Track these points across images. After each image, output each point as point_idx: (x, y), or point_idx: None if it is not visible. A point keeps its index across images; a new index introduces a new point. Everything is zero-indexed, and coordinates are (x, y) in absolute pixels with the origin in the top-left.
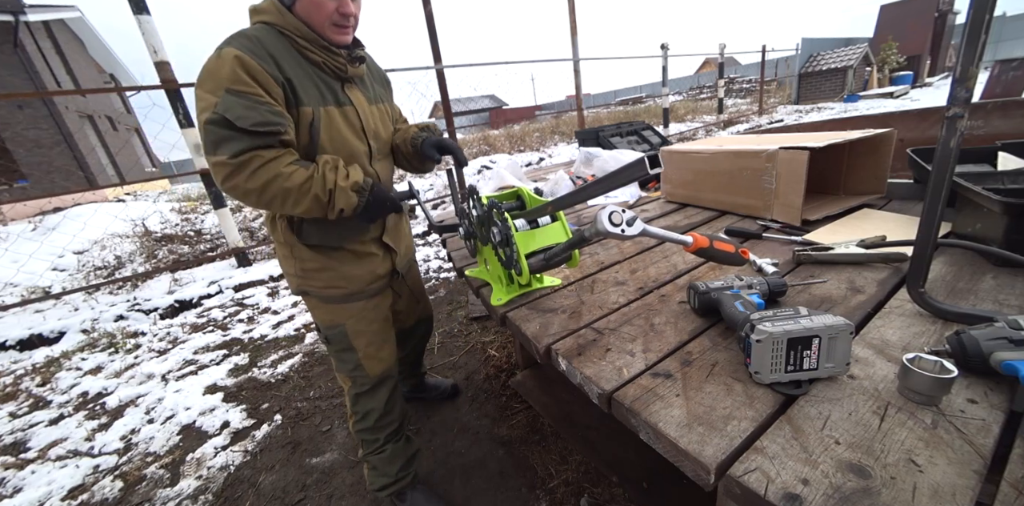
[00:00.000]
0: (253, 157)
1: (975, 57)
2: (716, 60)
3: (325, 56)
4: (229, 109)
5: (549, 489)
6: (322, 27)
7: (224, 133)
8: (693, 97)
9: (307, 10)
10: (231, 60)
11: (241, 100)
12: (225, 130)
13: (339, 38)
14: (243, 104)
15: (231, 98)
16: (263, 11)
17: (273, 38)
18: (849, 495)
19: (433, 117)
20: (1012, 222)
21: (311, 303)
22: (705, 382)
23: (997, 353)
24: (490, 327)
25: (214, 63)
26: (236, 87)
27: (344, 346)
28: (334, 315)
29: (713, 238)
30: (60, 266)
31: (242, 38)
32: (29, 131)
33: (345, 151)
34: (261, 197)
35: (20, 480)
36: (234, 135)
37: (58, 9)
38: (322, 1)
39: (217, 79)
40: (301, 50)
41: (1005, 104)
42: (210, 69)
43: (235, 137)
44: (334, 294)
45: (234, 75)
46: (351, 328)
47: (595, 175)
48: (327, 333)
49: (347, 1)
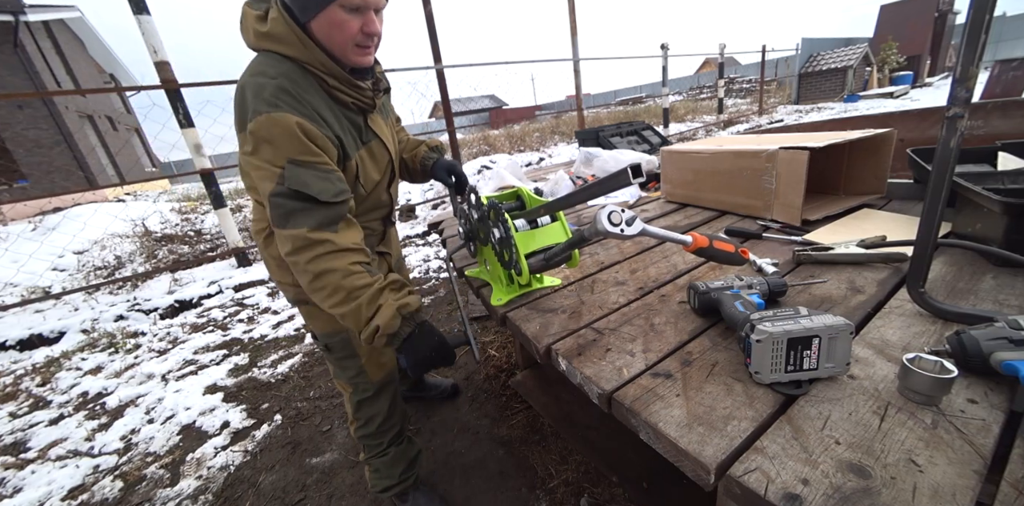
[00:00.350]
0: (326, 241)
1: (975, 57)
2: (716, 60)
3: (355, 96)
4: (303, 183)
5: (549, 489)
6: (344, 49)
7: (298, 205)
8: (693, 97)
9: (326, 31)
10: (292, 127)
11: (310, 171)
12: (298, 202)
13: (362, 60)
14: (315, 175)
15: (298, 169)
16: (281, 40)
17: (305, 84)
18: (849, 495)
19: (433, 117)
20: (1012, 222)
21: (310, 312)
22: (705, 382)
23: (997, 353)
24: (490, 327)
25: (268, 130)
26: (303, 158)
27: (346, 353)
28: (336, 323)
29: (713, 238)
30: (60, 266)
31: (286, 96)
32: (29, 131)
33: (375, 191)
34: (312, 283)
35: (20, 480)
36: (309, 207)
37: (58, 9)
38: (345, 20)
39: (278, 148)
40: (330, 91)
41: (1005, 104)
42: (266, 137)
43: (311, 209)
44: None
45: (299, 146)
46: (353, 335)
47: (595, 175)
48: (327, 341)
49: (372, 18)
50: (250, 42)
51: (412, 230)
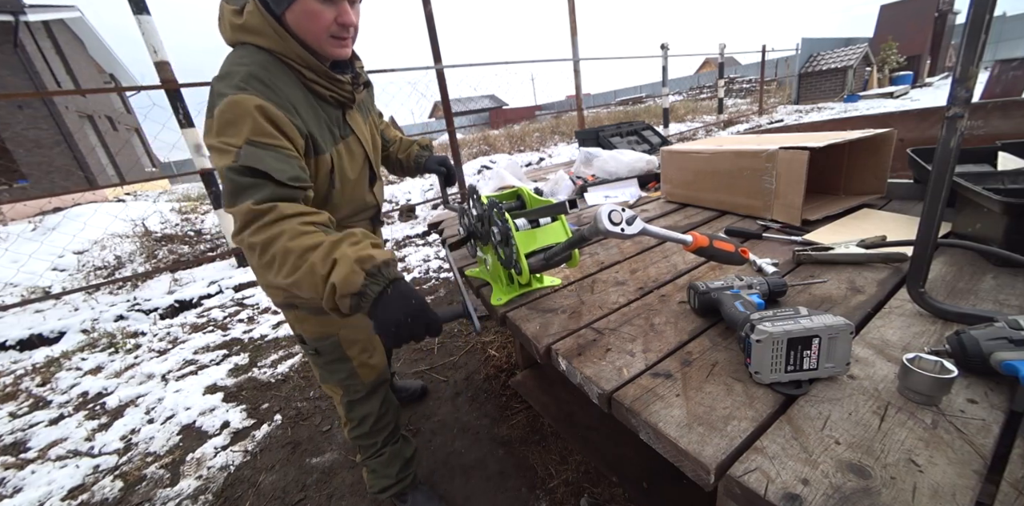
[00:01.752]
0: (272, 208)
1: (975, 57)
2: (716, 60)
3: (333, 89)
4: (258, 160)
5: (549, 489)
6: (319, 40)
7: (249, 181)
8: (693, 97)
9: (300, 22)
10: (253, 110)
11: (270, 152)
12: (250, 178)
13: (338, 52)
14: (273, 156)
15: (256, 150)
16: (255, 32)
17: (281, 74)
18: (849, 495)
19: (433, 117)
20: (1012, 222)
21: (298, 316)
22: (705, 382)
23: (997, 353)
24: (490, 327)
25: (232, 112)
26: (262, 140)
27: (336, 356)
28: (326, 326)
29: (713, 237)
30: (60, 266)
31: (256, 82)
32: (29, 131)
33: (351, 188)
34: (261, 258)
35: (20, 480)
36: (262, 184)
37: (58, 9)
38: (318, 10)
39: (239, 129)
40: (308, 84)
41: (1005, 104)
42: (229, 119)
43: (263, 185)
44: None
45: (260, 127)
46: (345, 337)
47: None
48: (316, 345)
49: (347, 9)
50: (227, 37)
51: (412, 230)
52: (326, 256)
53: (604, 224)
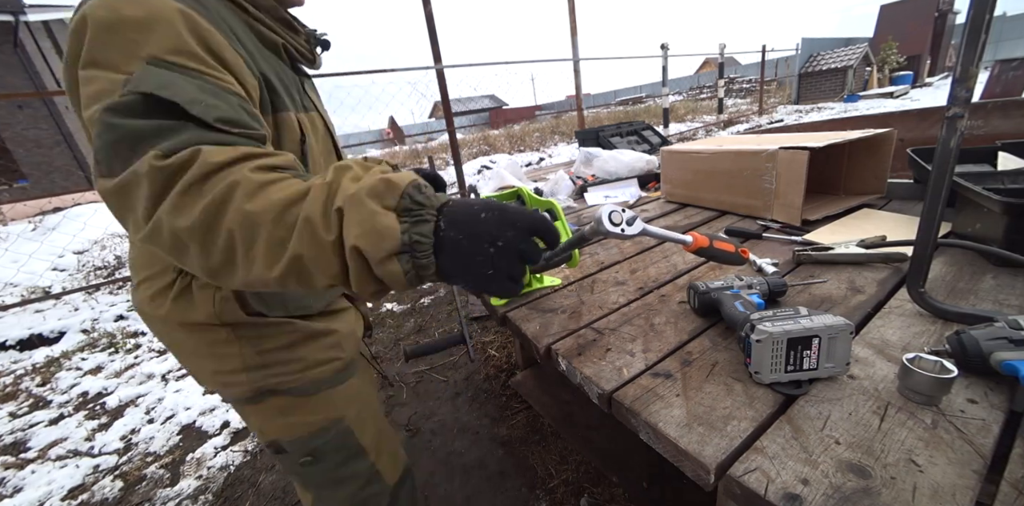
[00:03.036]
0: (195, 154)
1: (975, 57)
2: (716, 60)
3: (288, 36)
4: (164, 86)
5: (549, 489)
6: None
7: (144, 123)
8: (693, 97)
9: None
10: (171, 13)
11: (190, 78)
12: (146, 120)
13: None
14: (194, 84)
15: (161, 71)
16: None
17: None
18: (849, 495)
19: (433, 117)
20: (1012, 222)
21: (277, 407)
22: (705, 382)
23: (997, 353)
24: (490, 327)
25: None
26: (175, 59)
27: (347, 454)
28: (328, 409)
29: (713, 238)
30: (60, 266)
31: None
32: (29, 131)
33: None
34: (207, 243)
35: (20, 480)
36: (171, 125)
37: (58, 9)
38: None
39: (132, 42)
40: (253, 25)
41: (1005, 104)
42: (106, 22)
43: (174, 128)
44: (324, 374)
45: (174, 41)
46: (355, 419)
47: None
48: (313, 446)
49: None
50: None
51: None
52: (324, 207)
53: (605, 224)
